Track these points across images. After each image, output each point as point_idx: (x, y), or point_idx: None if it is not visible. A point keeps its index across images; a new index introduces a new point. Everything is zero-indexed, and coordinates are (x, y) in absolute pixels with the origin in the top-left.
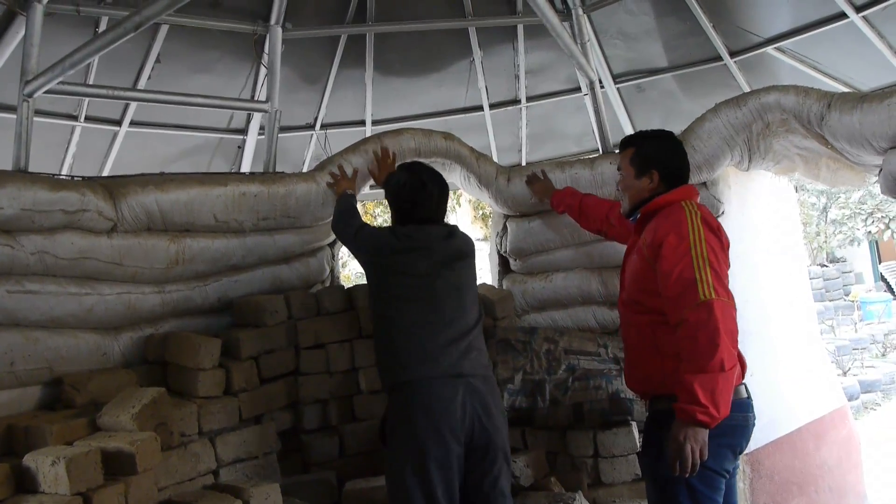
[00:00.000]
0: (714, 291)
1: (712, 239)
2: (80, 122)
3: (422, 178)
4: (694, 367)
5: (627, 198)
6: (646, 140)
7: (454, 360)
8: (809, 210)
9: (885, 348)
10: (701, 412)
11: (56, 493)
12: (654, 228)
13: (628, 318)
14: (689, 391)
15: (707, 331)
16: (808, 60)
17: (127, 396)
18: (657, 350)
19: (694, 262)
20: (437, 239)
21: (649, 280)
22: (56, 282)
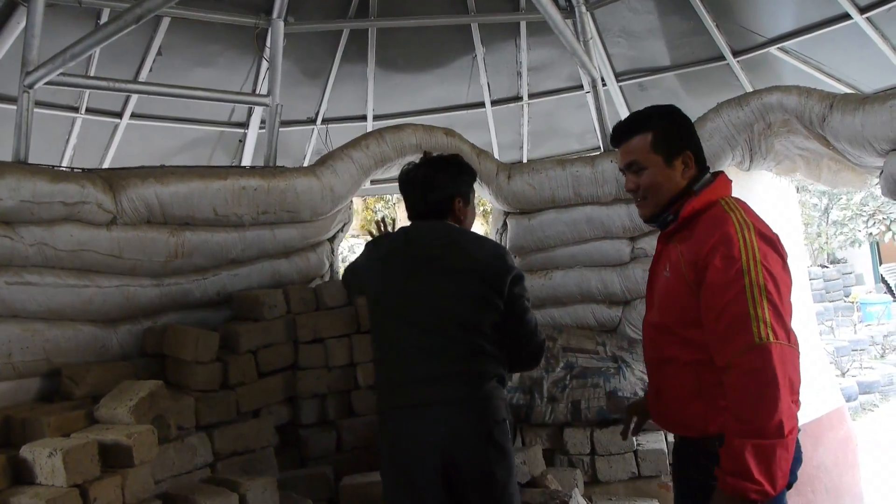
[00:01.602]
0: (772, 331)
1: (771, 258)
2: (80, 114)
3: (407, 169)
4: (745, 430)
5: (657, 196)
6: (663, 116)
7: (425, 386)
8: (811, 211)
9: (884, 350)
10: (754, 491)
11: (53, 484)
12: (697, 243)
13: (662, 349)
14: (740, 462)
15: (761, 382)
16: (811, 61)
17: (124, 389)
18: (700, 392)
19: (747, 293)
20: (421, 241)
21: (690, 308)
22: (55, 273)
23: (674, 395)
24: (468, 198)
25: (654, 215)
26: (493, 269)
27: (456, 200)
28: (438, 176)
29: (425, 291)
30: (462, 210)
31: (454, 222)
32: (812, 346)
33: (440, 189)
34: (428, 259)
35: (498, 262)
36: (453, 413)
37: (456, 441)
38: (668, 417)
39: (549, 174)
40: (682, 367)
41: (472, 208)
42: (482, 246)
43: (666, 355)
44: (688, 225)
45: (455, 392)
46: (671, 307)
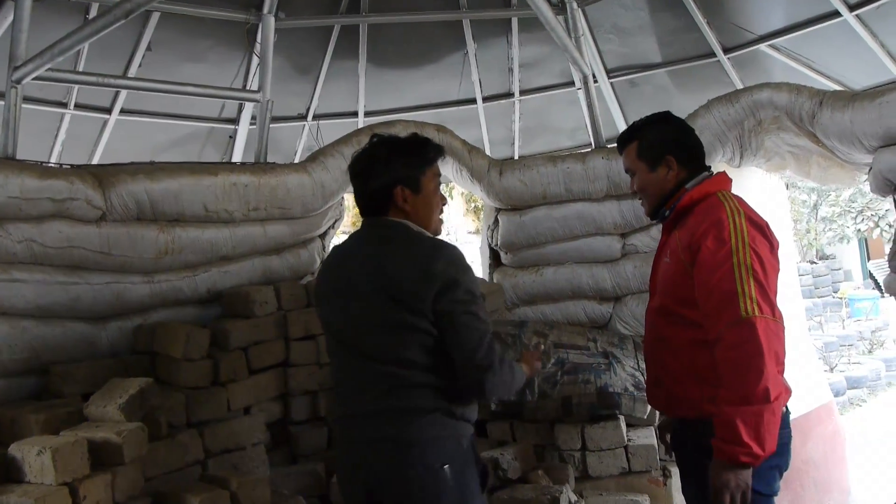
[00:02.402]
0: (758, 307)
1: (759, 242)
2: (69, 110)
3: (353, 156)
4: (735, 397)
5: (648, 197)
6: (646, 127)
7: (353, 422)
8: (800, 207)
9: (872, 345)
10: (744, 453)
11: (42, 482)
12: (692, 228)
13: (661, 330)
14: (730, 427)
15: (748, 353)
16: (801, 58)
17: (114, 386)
18: (696, 374)
19: (735, 272)
20: (349, 251)
21: (687, 287)
22: (43, 270)
23: (671, 377)
24: (417, 184)
25: (652, 213)
26: (407, 286)
27: (397, 189)
28: (374, 161)
29: (345, 318)
30: (410, 200)
31: (400, 217)
32: (801, 342)
33: (375, 177)
34: (346, 278)
35: (416, 275)
36: (375, 456)
37: (380, 488)
38: (667, 400)
39: (540, 171)
40: (679, 347)
41: (425, 196)
42: (406, 255)
43: (664, 335)
44: (685, 214)
45: (375, 432)
46: (670, 289)
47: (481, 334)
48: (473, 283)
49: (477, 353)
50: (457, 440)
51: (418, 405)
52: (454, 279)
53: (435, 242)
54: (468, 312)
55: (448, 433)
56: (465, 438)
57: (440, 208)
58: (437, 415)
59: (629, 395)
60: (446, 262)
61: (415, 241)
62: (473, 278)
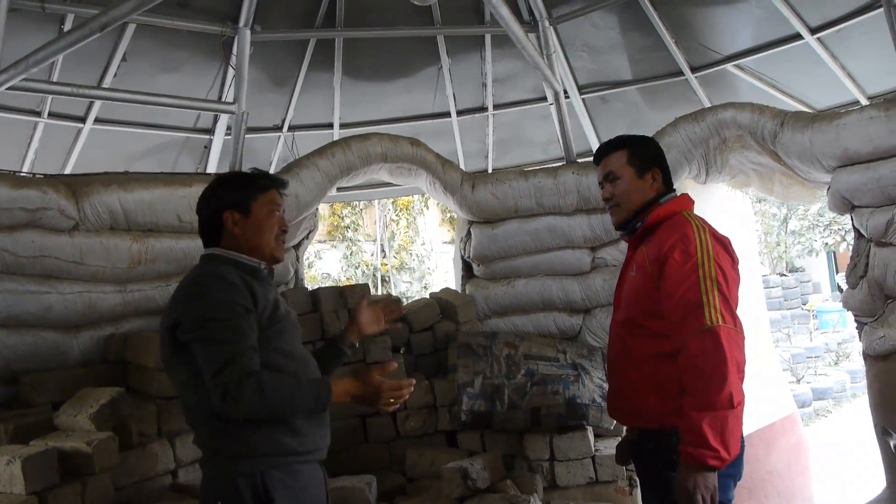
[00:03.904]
0: (721, 317)
1: (722, 256)
2: (43, 118)
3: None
4: (700, 404)
5: (628, 203)
6: (635, 140)
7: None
8: (771, 220)
9: (839, 357)
10: (711, 456)
11: (11, 492)
12: (659, 242)
13: (625, 341)
14: (698, 432)
15: (712, 361)
16: (765, 78)
17: (85, 396)
18: (657, 386)
19: (700, 283)
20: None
21: (652, 300)
22: (15, 280)
23: (633, 388)
24: (246, 208)
25: (625, 221)
26: (164, 327)
27: (226, 214)
28: (207, 193)
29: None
30: (240, 224)
31: (231, 243)
32: (766, 355)
33: (206, 206)
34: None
35: (167, 315)
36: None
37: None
38: (627, 411)
39: (512, 185)
40: (642, 359)
41: (255, 220)
42: (174, 296)
43: (629, 347)
44: (652, 230)
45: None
46: (636, 301)
47: (219, 357)
48: (203, 310)
49: (216, 376)
50: (236, 482)
51: (207, 444)
52: (183, 311)
53: (191, 279)
54: (205, 338)
55: (224, 474)
56: (238, 481)
57: (277, 233)
58: (220, 458)
59: (597, 406)
60: (193, 293)
61: (183, 282)
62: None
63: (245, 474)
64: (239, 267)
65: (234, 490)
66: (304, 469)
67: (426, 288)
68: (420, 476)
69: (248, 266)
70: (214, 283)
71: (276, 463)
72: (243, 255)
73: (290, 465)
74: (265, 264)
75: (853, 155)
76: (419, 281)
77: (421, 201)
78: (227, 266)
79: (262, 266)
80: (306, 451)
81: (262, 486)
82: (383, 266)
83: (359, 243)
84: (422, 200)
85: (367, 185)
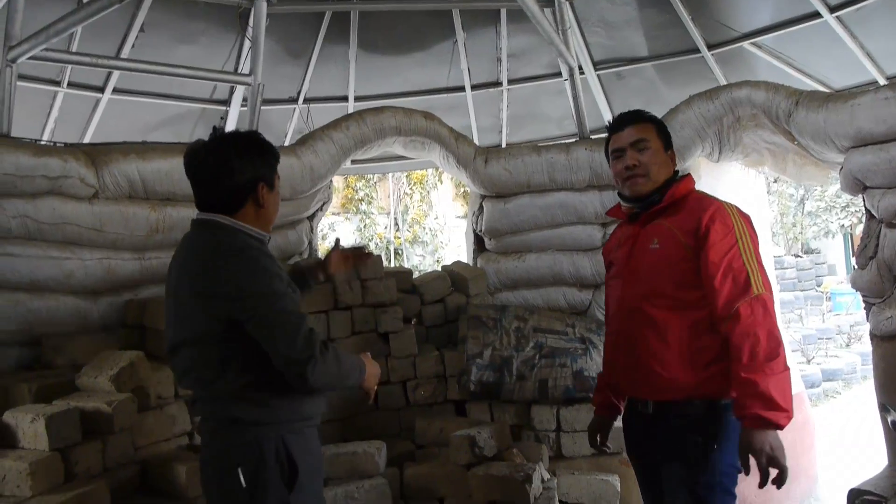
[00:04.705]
0: (763, 286)
1: (750, 230)
2: (62, 88)
3: (194, 148)
4: (762, 368)
5: (656, 174)
6: (657, 119)
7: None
8: (787, 201)
9: (850, 339)
10: (784, 416)
11: (35, 448)
12: (693, 215)
13: (649, 314)
14: (767, 396)
15: (766, 327)
16: (783, 56)
17: (105, 359)
18: (688, 357)
19: (743, 254)
20: (183, 241)
21: (684, 271)
22: (37, 246)
23: (658, 361)
24: (272, 182)
25: (649, 192)
26: (199, 297)
27: (260, 185)
28: (234, 156)
29: (176, 298)
30: (267, 198)
31: (251, 213)
32: None
33: (240, 172)
34: (178, 262)
35: (203, 287)
36: (205, 439)
37: (204, 472)
38: (650, 385)
39: (525, 160)
40: (670, 332)
41: (276, 195)
42: (207, 268)
43: (653, 320)
44: (676, 205)
45: (205, 413)
46: (667, 274)
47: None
48: (264, 285)
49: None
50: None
51: (221, 394)
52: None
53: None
54: (267, 314)
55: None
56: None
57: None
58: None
59: None
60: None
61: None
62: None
63: (269, 439)
64: (250, 238)
65: (259, 454)
66: (312, 432)
67: (439, 262)
68: (429, 443)
69: (258, 238)
70: (262, 256)
71: (294, 428)
72: (253, 227)
73: (303, 429)
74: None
75: (867, 135)
76: (432, 255)
77: (435, 175)
78: (247, 238)
79: (267, 238)
80: (314, 416)
81: (284, 449)
82: (396, 239)
83: (372, 216)
84: (435, 175)
85: (381, 159)
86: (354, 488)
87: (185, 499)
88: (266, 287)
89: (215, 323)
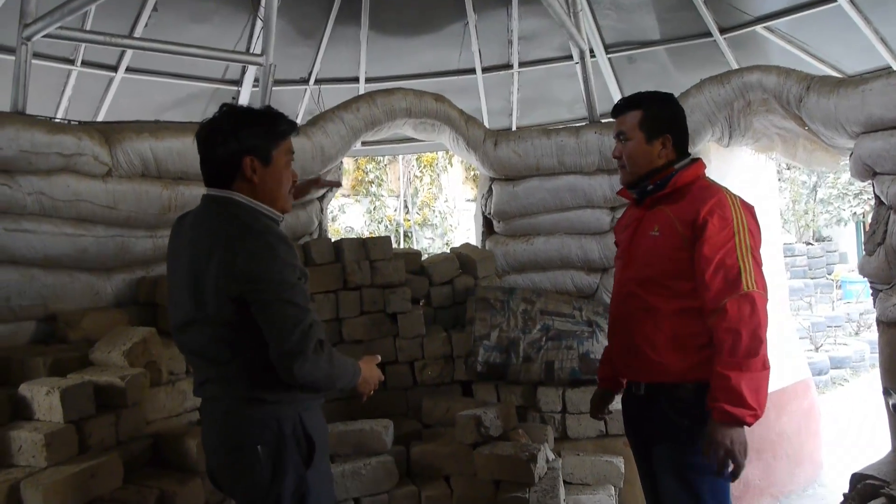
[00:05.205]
0: (755, 283)
1: (751, 223)
2: (76, 66)
3: (199, 127)
4: (738, 365)
5: (634, 166)
6: (653, 101)
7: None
8: (799, 188)
9: (859, 327)
10: (750, 415)
11: (50, 420)
12: (693, 206)
13: (642, 299)
14: (736, 392)
15: (750, 325)
16: (796, 41)
17: (118, 334)
18: (679, 341)
19: (738, 249)
20: (194, 217)
21: (677, 261)
22: (52, 222)
23: (651, 345)
24: (267, 156)
25: (631, 182)
26: (214, 277)
27: (246, 160)
28: (223, 128)
29: (185, 272)
30: (259, 172)
31: (246, 189)
32: (783, 320)
33: (223, 144)
34: (190, 237)
35: (217, 266)
36: (210, 414)
37: (210, 446)
38: (643, 367)
39: (534, 143)
40: (663, 316)
41: (275, 170)
42: (225, 246)
43: (648, 304)
44: (678, 193)
45: (211, 392)
46: (659, 262)
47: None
48: (277, 271)
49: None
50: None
51: (235, 373)
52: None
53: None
54: (274, 300)
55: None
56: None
57: (291, 186)
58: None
59: None
60: (229, 247)
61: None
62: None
63: (288, 416)
64: (269, 220)
65: (279, 432)
66: (319, 408)
67: (448, 245)
68: (435, 423)
69: (275, 219)
70: (280, 244)
71: (309, 405)
72: (264, 205)
73: (315, 406)
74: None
75: (877, 121)
76: (441, 238)
77: (445, 158)
78: (266, 220)
79: (281, 219)
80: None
81: (301, 426)
82: (406, 222)
83: (382, 198)
84: (446, 157)
85: (392, 140)
86: (361, 465)
87: (195, 472)
88: (277, 275)
89: (230, 303)
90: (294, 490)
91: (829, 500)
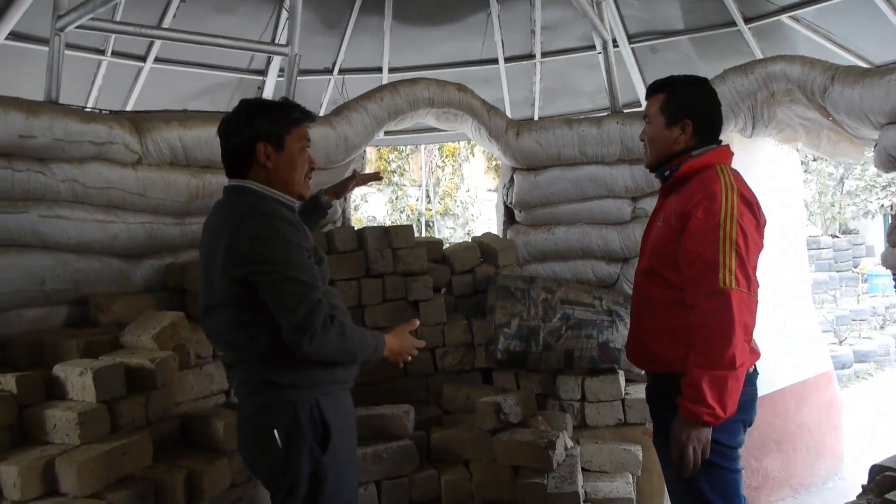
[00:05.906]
0: (735, 279)
1: (746, 218)
2: (106, 57)
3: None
4: (703, 362)
5: (653, 149)
6: (680, 85)
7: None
8: (826, 180)
9: (885, 321)
10: (707, 413)
11: (83, 400)
12: (686, 196)
13: (645, 289)
14: (697, 389)
15: (721, 322)
16: (821, 31)
17: (148, 318)
18: (671, 333)
19: (719, 244)
20: (215, 207)
21: (673, 252)
22: (84, 209)
23: (649, 334)
24: (280, 142)
25: (652, 166)
26: (223, 263)
27: (259, 145)
28: (238, 118)
29: (209, 264)
30: (273, 158)
31: (261, 176)
32: (805, 314)
33: (237, 133)
34: (210, 228)
35: (225, 252)
36: (241, 403)
37: (243, 435)
38: (643, 356)
39: (556, 133)
40: (658, 306)
41: (288, 155)
42: (233, 233)
43: (649, 294)
44: (683, 182)
45: (239, 380)
46: (659, 251)
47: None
48: (281, 251)
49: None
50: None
51: (255, 361)
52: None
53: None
54: (279, 280)
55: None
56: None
57: (307, 171)
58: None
59: None
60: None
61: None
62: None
63: (303, 401)
64: (279, 205)
65: (294, 415)
66: (345, 395)
67: (469, 235)
68: (455, 409)
69: (287, 205)
70: (284, 225)
71: (328, 390)
72: (278, 191)
73: (337, 391)
74: (297, 203)
75: None
76: (462, 227)
77: (467, 148)
78: (276, 204)
79: (296, 205)
80: (348, 379)
81: (318, 411)
82: (428, 211)
83: (404, 188)
84: (468, 147)
85: (414, 130)
86: (383, 449)
87: (222, 451)
88: (282, 254)
89: (235, 285)
90: (310, 474)
91: (850, 494)
